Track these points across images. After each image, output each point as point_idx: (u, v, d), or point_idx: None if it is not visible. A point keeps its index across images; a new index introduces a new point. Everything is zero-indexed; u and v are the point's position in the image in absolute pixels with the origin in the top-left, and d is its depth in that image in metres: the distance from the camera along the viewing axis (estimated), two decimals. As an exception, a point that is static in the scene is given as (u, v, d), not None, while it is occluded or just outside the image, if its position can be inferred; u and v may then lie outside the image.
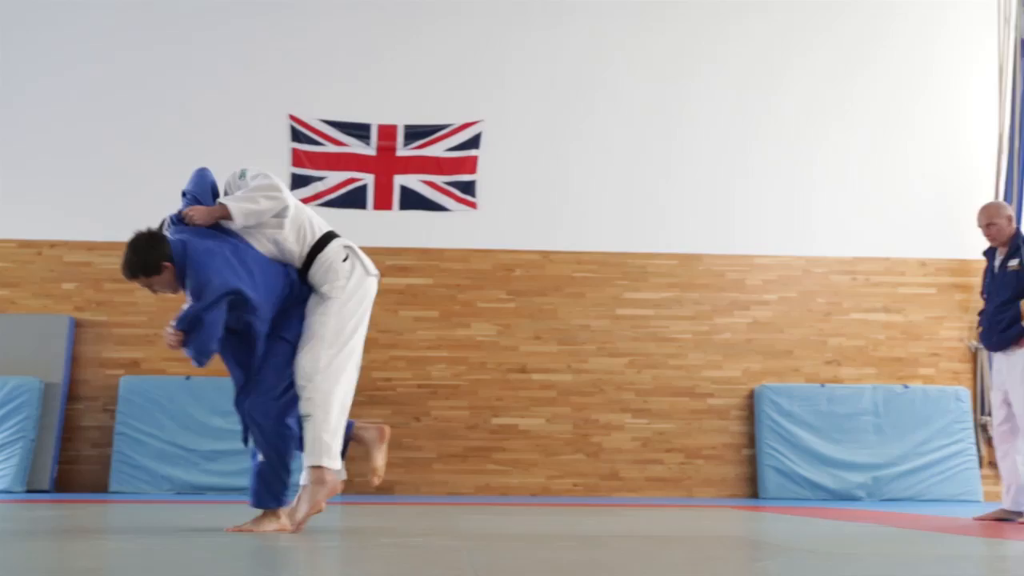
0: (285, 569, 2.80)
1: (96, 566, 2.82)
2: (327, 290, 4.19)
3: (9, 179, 8.96)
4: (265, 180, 4.12)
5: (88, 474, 8.61)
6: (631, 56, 9.52)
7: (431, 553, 3.25)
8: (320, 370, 4.07)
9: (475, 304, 9.12)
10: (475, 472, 8.83)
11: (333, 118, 9.21)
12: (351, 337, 4.24)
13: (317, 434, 4.08)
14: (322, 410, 4.08)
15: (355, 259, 4.30)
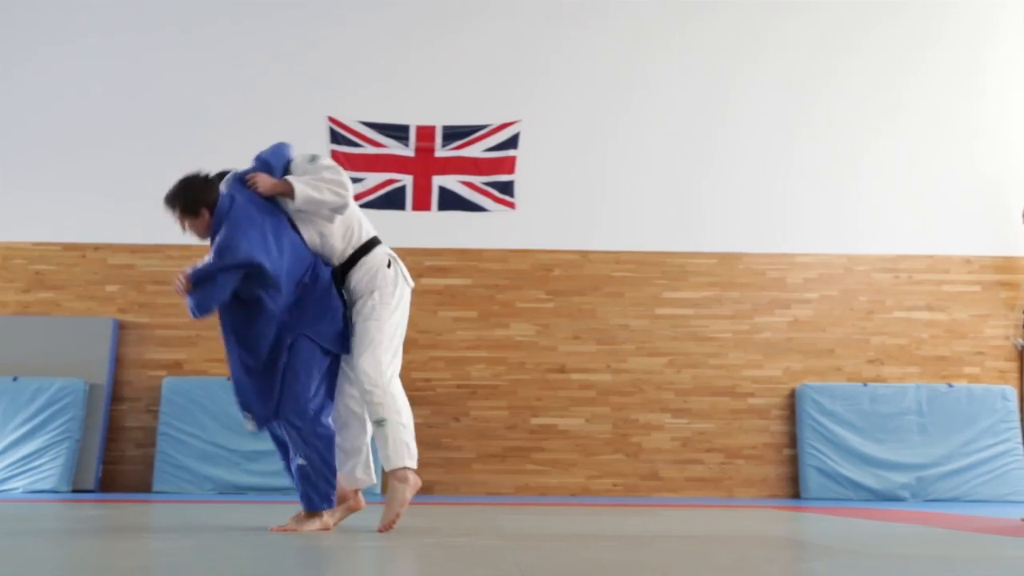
0: (332, 569, 2.81)
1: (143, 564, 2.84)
2: (378, 296, 4.19)
3: (54, 183, 9.08)
4: (336, 175, 4.14)
5: (132, 474, 8.70)
6: (672, 54, 9.48)
7: (475, 553, 3.25)
8: (384, 374, 4.09)
9: (514, 304, 9.12)
10: (514, 472, 8.83)
11: (371, 119, 9.25)
12: (400, 343, 4.30)
13: (396, 436, 4.09)
14: (395, 412, 4.09)
15: (397, 267, 4.30)
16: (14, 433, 8.23)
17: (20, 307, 8.94)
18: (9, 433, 8.24)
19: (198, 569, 2.74)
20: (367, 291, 4.22)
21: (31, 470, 8.11)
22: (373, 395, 4.09)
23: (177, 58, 9.36)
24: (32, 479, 8.08)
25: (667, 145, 9.35)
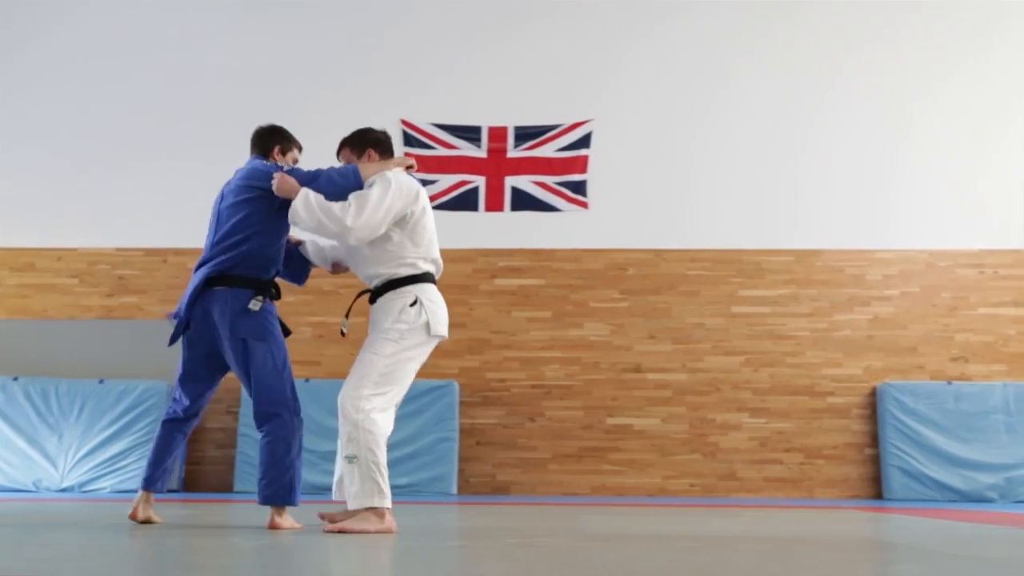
0: (423, 569, 2.82)
1: (235, 563, 2.88)
2: (385, 331, 4.11)
3: (136, 190, 9.28)
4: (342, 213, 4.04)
5: (213, 474, 8.85)
6: (750, 51, 9.39)
7: (561, 554, 3.23)
8: (361, 408, 3.98)
9: (588, 304, 9.09)
10: (590, 472, 8.79)
11: (444, 121, 9.30)
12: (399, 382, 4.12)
13: (365, 474, 3.97)
14: (367, 449, 3.97)
15: (422, 310, 4.15)
16: (101, 434, 8.43)
17: (104, 311, 9.15)
18: (96, 434, 8.44)
19: (288, 567, 2.76)
20: (380, 324, 4.16)
21: (118, 470, 8.29)
22: (344, 427, 4.01)
23: (251, 65, 9.51)
24: (119, 479, 8.26)
25: (743, 142, 9.25)
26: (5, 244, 9.30)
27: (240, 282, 4.26)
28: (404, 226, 4.21)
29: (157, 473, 4.41)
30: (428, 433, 8.53)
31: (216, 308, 4.24)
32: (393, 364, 4.08)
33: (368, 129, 4.56)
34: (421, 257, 4.25)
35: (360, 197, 4.11)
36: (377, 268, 4.22)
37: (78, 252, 9.27)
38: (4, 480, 8.30)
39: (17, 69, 9.60)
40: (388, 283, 4.21)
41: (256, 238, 4.29)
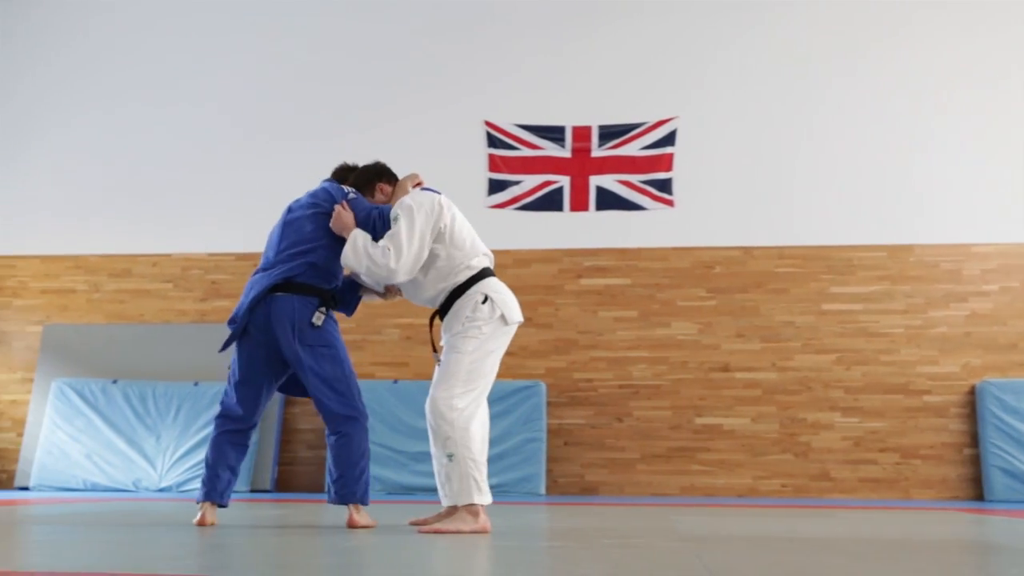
0: (523, 569, 2.82)
1: (342, 562, 2.92)
2: (464, 331, 4.16)
3: (227, 196, 9.48)
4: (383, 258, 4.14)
5: (305, 475, 8.99)
6: (840, 46, 9.22)
7: (660, 554, 3.21)
8: (454, 408, 4.05)
9: (675, 303, 9.01)
10: (679, 473, 8.72)
11: (527, 122, 9.31)
12: (484, 377, 4.19)
13: (464, 471, 4.04)
14: (464, 447, 4.04)
15: (493, 304, 4.22)
16: (196, 436, 8.62)
17: (198, 315, 9.36)
18: (192, 436, 8.63)
19: (393, 566, 2.79)
20: (456, 326, 4.21)
21: (213, 471, 8.45)
22: (441, 428, 4.07)
23: (334, 72, 9.64)
24: (214, 479, 8.43)
25: (832, 136, 9.08)
26: (103, 251, 9.58)
27: (305, 290, 4.32)
28: (443, 240, 4.30)
29: (218, 485, 4.39)
30: (516, 434, 8.54)
31: (280, 314, 4.27)
32: (477, 359, 4.15)
33: (362, 168, 4.70)
34: (471, 257, 4.32)
35: (393, 237, 4.21)
36: (436, 285, 4.31)
37: (172, 258, 9.50)
38: (106, 480, 8.55)
39: (106, 79, 9.88)
40: (452, 293, 4.27)
41: (322, 251, 4.37)
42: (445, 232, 4.27)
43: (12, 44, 10.07)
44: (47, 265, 9.63)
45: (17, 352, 9.53)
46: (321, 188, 4.62)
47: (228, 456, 4.43)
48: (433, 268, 4.27)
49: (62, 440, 8.77)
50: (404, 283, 4.40)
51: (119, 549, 3.27)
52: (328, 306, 4.36)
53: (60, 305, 9.56)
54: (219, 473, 4.40)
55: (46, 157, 9.82)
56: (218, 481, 4.39)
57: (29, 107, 9.93)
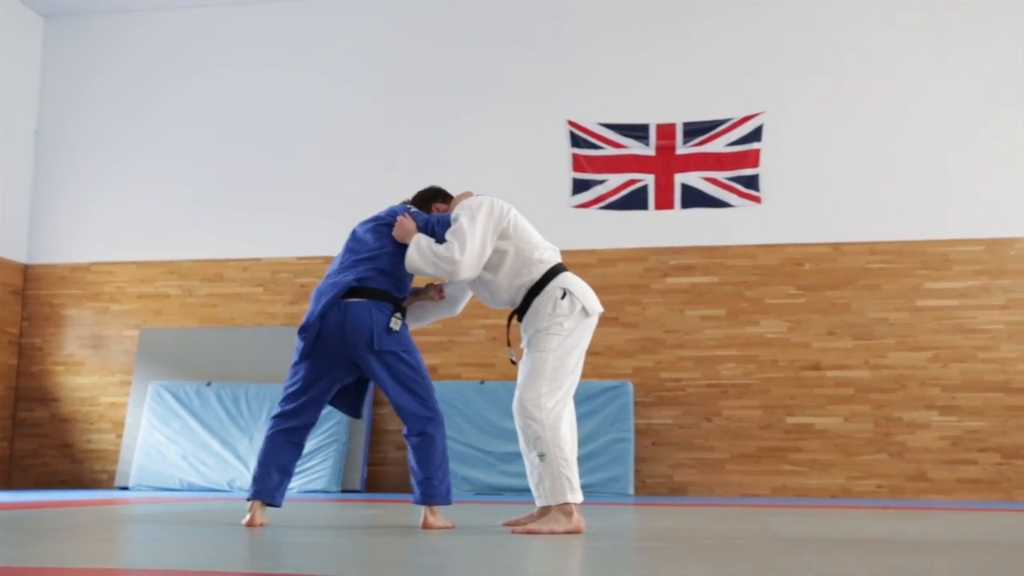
0: (625, 570, 2.79)
1: (440, 562, 2.93)
2: (546, 328, 4.14)
3: (316, 201, 9.61)
4: (448, 252, 4.14)
5: (394, 475, 9.07)
6: (928, 37, 9.00)
7: (762, 555, 3.15)
8: (543, 407, 4.04)
9: (763, 301, 8.88)
10: (770, 473, 8.58)
11: (611, 120, 9.26)
12: (570, 373, 4.18)
13: (557, 470, 4.03)
14: (555, 446, 4.03)
15: (573, 298, 4.20)
16: (288, 436, 8.74)
17: (288, 318, 9.51)
18: (283, 436, 8.76)
19: (494, 567, 2.79)
20: (537, 324, 4.19)
21: (305, 471, 8.59)
22: (531, 428, 4.05)
23: (420, 71, 9.70)
24: (306, 479, 8.57)
25: (923, 128, 8.87)
26: (196, 256, 9.79)
27: (379, 295, 4.33)
28: (508, 236, 4.30)
29: (269, 484, 4.36)
30: (603, 434, 8.50)
31: (356, 321, 4.27)
32: (561, 356, 4.14)
33: (418, 192, 4.76)
34: (542, 251, 4.31)
35: (456, 232, 4.22)
36: (512, 283, 4.29)
37: (262, 262, 9.67)
38: (201, 480, 8.73)
39: (196, 88, 10.10)
40: (530, 292, 4.26)
41: (388, 257, 4.39)
42: (509, 227, 4.29)
43: (106, 59, 10.36)
44: (142, 271, 9.88)
45: (115, 356, 9.79)
46: (390, 207, 4.69)
47: (281, 456, 4.39)
48: (504, 265, 4.27)
49: (159, 441, 8.99)
50: (479, 288, 4.40)
51: (218, 548, 3.32)
52: (402, 312, 4.38)
53: (155, 310, 9.80)
54: (271, 472, 4.37)
55: (140, 166, 10.08)
56: (269, 480, 4.36)
57: (122, 118, 10.20)
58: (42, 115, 10.36)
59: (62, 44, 10.44)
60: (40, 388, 9.87)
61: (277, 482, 4.39)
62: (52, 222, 10.15)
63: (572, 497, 4.04)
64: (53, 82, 10.40)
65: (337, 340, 4.27)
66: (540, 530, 4.00)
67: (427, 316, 4.73)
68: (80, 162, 10.20)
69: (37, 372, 9.91)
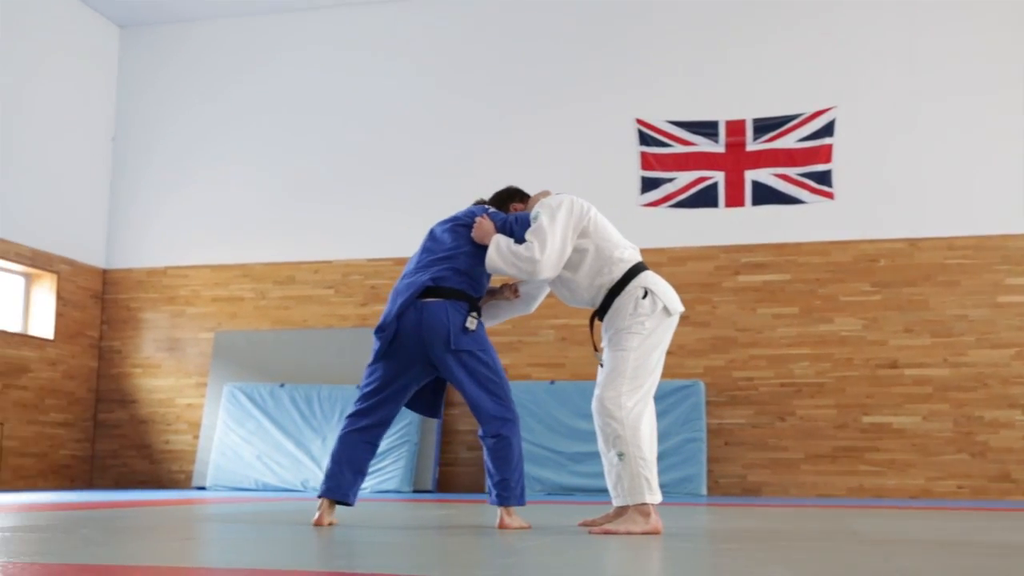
0: (709, 571, 2.76)
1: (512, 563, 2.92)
2: (627, 327, 4.10)
3: (385, 204, 9.69)
4: (528, 251, 4.10)
5: (465, 476, 9.09)
6: (1008, 25, 8.78)
7: (845, 556, 3.09)
8: (623, 406, 4.00)
9: (837, 298, 8.73)
10: (846, 473, 8.43)
11: (679, 118, 9.18)
12: (651, 373, 4.13)
13: (635, 470, 3.99)
14: (635, 446, 3.98)
15: (654, 297, 4.14)
16: (360, 437, 8.81)
17: (359, 320, 9.59)
18: (356, 437, 8.84)
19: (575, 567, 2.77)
20: (618, 323, 4.14)
21: (378, 471, 8.66)
22: (611, 427, 4.01)
23: (485, 76, 9.72)
24: (379, 480, 8.64)
25: (1001, 118, 8.64)
26: (269, 259, 9.93)
27: (455, 295, 4.31)
28: (589, 234, 4.25)
29: (341, 483, 4.34)
30: (675, 434, 8.43)
31: (432, 320, 4.26)
32: (643, 355, 4.09)
33: (496, 192, 4.71)
34: (621, 248, 4.26)
35: (536, 232, 4.18)
36: (593, 282, 4.24)
37: (333, 264, 9.77)
38: (276, 480, 8.85)
39: (268, 96, 10.24)
40: (611, 291, 4.21)
41: (465, 257, 4.36)
42: (589, 226, 4.24)
43: (180, 66, 10.56)
44: (217, 274, 10.05)
45: (191, 358, 9.97)
46: (468, 208, 4.67)
47: (354, 454, 4.36)
48: (584, 264, 4.22)
49: (235, 442, 9.13)
50: (559, 287, 4.37)
51: (298, 547, 3.35)
52: (478, 312, 4.36)
53: (229, 312, 9.95)
54: (343, 470, 4.34)
55: (213, 172, 10.25)
56: (341, 478, 4.34)
57: (195, 125, 10.39)
58: (119, 123, 10.59)
59: (137, 53, 10.67)
60: (119, 390, 10.09)
61: (350, 481, 4.39)
62: (129, 227, 10.37)
63: (650, 498, 3.99)
64: (129, 90, 10.63)
65: (414, 340, 4.27)
66: (617, 530, 3.96)
67: (502, 314, 4.71)
68: (155, 168, 10.41)
69: (116, 374, 10.12)
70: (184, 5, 10.32)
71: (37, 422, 9.54)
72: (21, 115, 9.55)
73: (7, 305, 9.74)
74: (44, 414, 9.62)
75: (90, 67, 10.49)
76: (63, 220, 10.01)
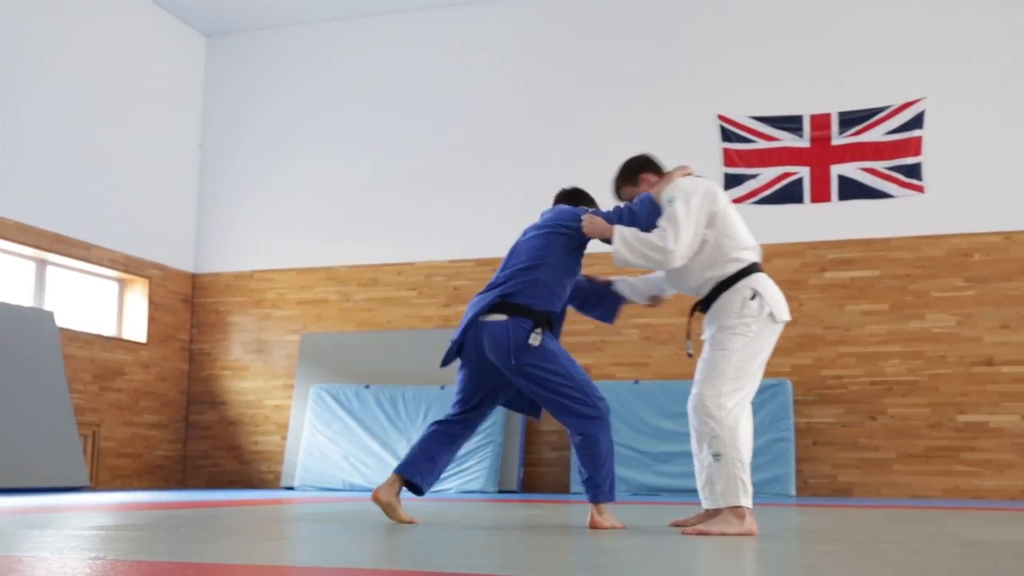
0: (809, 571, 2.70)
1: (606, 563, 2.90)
2: (732, 327, 4.01)
3: (466, 205, 9.73)
4: (660, 240, 4.01)
5: (550, 476, 9.08)
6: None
7: (949, 560, 3.00)
8: (723, 406, 3.92)
9: (929, 294, 8.52)
10: (941, 474, 8.22)
11: (762, 113, 9.05)
12: (752, 376, 4.04)
13: (731, 472, 3.90)
14: (732, 447, 3.90)
15: (762, 301, 4.04)
16: (445, 438, 8.87)
17: (441, 320, 9.65)
18: (440, 438, 8.89)
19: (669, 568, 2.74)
20: (722, 321, 4.05)
21: (461, 472, 8.70)
22: (709, 426, 3.93)
23: (567, 72, 9.70)
24: (464, 480, 8.67)
25: (1102, 106, 8.34)
26: (352, 262, 10.05)
27: (521, 311, 4.26)
28: (713, 225, 4.13)
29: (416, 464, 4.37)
30: (763, 433, 8.30)
31: (493, 341, 4.22)
32: (745, 358, 4.00)
33: (627, 160, 4.53)
34: (741, 248, 4.14)
35: (669, 220, 4.07)
36: (703, 273, 4.15)
37: (415, 266, 9.84)
38: (363, 481, 8.94)
39: (350, 99, 10.35)
40: (719, 285, 4.12)
41: (546, 268, 4.31)
42: (717, 217, 4.12)
43: (264, 73, 10.74)
44: (302, 277, 10.20)
45: (278, 360, 10.14)
46: (559, 209, 4.58)
47: (432, 446, 4.39)
48: (700, 254, 4.12)
49: (321, 443, 9.26)
50: (670, 270, 4.28)
51: (388, 546, 3.38)
52: (542, 327, 4.29)
53: (315, 315, 10.10)
54: (418, 457, 4.38)
55: (298, 176, 10.41)
56: (415, 461, 4.37)
57: (279, 130, 10.56)
58: (206, 130, 10.82)
59: (223, 61, 10.88)
60: (209, 392, 10.31)
61: (425, 468, 4.40)
62: (217, 232, 10.58)
63: (745, 501, 3.92)
64: (215, 98, 10.85)
65: (480, 357, 4.30)
66: (710, 531, 3.91)
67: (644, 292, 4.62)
68: (242, 174, 10.61)
69: (206, 376, 10.34)
70: (269, 13, 10.50)
71: (132, 423, 9.79)
72: (114, 125, 9.82)
73: (102, 310, 10.02)
74: (138, 415, 9.88)
75: (179, 76, 10.74)
76: (154, 226, 10.27)
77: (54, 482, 8.11)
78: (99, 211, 9.58)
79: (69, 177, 9.28)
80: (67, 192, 9.25)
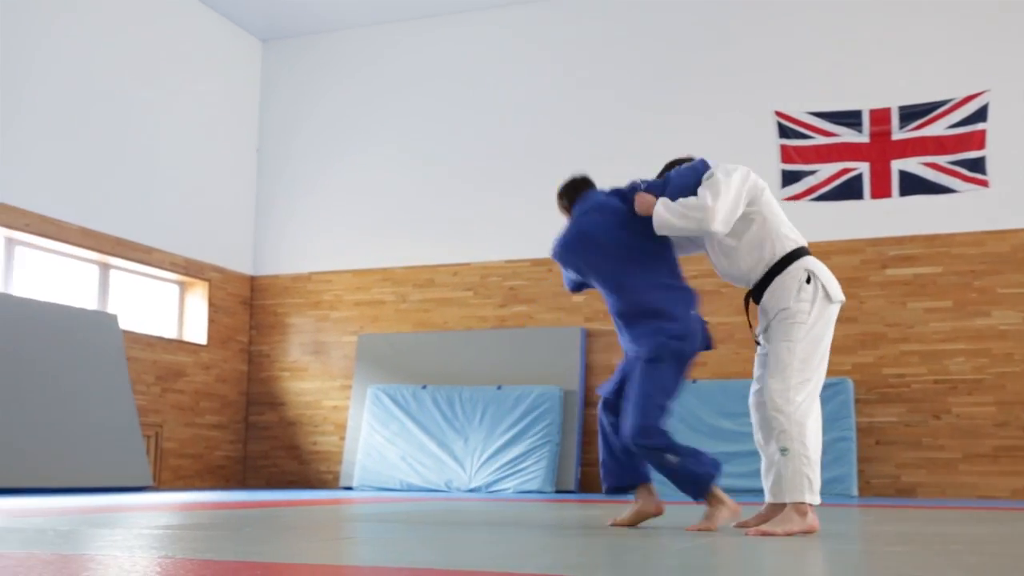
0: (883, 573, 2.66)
1: (673, 564, 2.87)
2: (792, 315, 3.91)
3: (520, 205, 9.72)
4: (701, 200, 3.98)
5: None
6: None
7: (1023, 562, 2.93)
8: (791, 400, 3.84)
9: (994, 290, 8.35)
10: (1010, 474, 8.05)
11: (820, 109, 8.93)
12: (817, 365, 3.96)
13: (797, 467, 3.84)
14: (799, 442, 3.82)
15: (817, 282, 3.96)
16: (501, 438, 8.89)
17: (498, 321, 9.66)
18: (497, 438, 8.92)
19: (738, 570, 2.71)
20: (780, 310, 3.96)
21: (519, 472, 8.71)
22: (777, 421, 3.85)
23: (621, 68, 9.65)
24: (521, 480, 8.67)
25: None
26: (408, 263, 10.09)
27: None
28: (758, 202, 4.09)
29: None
30: (824, 433, 8.13)
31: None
32: (809, 347, 3.93)
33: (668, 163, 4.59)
34: (790, 228, 4.11)
35: (710, 184, 4.06)
36: (752, 254, 4.07)
37: (471, 266, 9.86)
38: (420, 481, 8.98)
39: (405, 101, 10.40)
40: (771, 269, 4.04)
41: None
42: (761, 196, 4.09)
43: (320, 77, 10.84)
44: (359, 279, 10.27)
45: (336, 361, 10.22)
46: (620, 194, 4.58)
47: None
48: (749, 232, 4.06)
49: (379, 443, 9.31)
50: (718, 255, 4.21)
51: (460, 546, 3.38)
52: None
53: (371, 316, 10.16)
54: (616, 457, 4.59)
55: (354, 179, 10.49)
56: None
57: (335, 133, 10.64)
58: (263, 134, 10.94)
59: (279, 66, 11.00)
60: (268, 393, 10.42)
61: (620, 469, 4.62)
62: (274, 235, 10.70)
63: (810, 498, 3.86)
64: (272, 102, 10.97)
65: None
66: (775, 531, 3.85)
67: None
68: (299, 177, 10.71)
69: (265, 378, 10.45)
70: (324, 16, 10.60)
71: (193, 424, 9.94)
72: (172, 130, 9.98)
73: (163, 312, 10.18)
74: (199, 416, 10.02)
75: (235, 81, 10.88)
76: (213, 230, 10.41)
77: (119, 482, 8.25)
78: (160, 215, 9.73)
79: (131, 183, 9.45)
80: (129, 197, 9.42)
